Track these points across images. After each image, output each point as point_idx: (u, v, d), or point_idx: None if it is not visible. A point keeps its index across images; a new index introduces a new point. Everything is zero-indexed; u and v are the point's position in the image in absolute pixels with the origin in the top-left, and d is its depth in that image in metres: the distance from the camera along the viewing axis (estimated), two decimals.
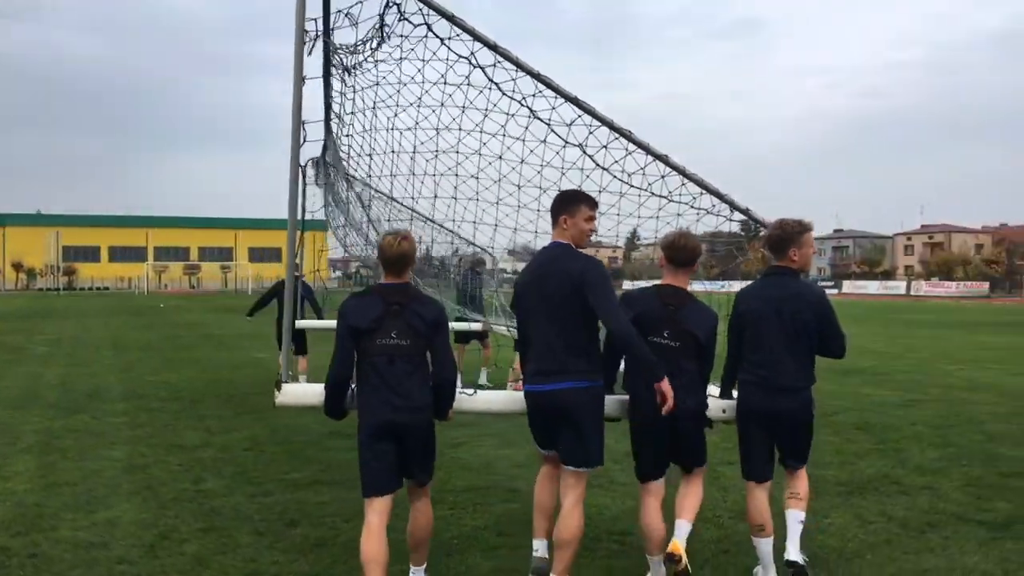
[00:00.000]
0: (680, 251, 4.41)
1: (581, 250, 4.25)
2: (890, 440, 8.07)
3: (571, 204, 4.26)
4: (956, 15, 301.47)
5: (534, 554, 4.38)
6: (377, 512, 4.00)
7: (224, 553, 4.89)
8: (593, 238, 4.45)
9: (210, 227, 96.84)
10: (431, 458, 4.17)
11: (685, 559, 4.23)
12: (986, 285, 69.98)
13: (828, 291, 64.98)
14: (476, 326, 10.95)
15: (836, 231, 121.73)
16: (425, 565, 4.32)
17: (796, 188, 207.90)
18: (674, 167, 5.23)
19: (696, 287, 4.64)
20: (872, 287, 76.26)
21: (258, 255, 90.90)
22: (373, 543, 3.93)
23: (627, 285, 35.25)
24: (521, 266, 5.51)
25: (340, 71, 5.83)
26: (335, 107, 6.72)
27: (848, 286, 77.96)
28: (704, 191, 5.23)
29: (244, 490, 6.26)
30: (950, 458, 7.29)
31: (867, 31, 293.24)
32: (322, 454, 7.46)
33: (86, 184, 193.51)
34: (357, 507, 5.70)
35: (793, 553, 4.33)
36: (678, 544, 4.28)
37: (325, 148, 8.96)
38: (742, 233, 7.51)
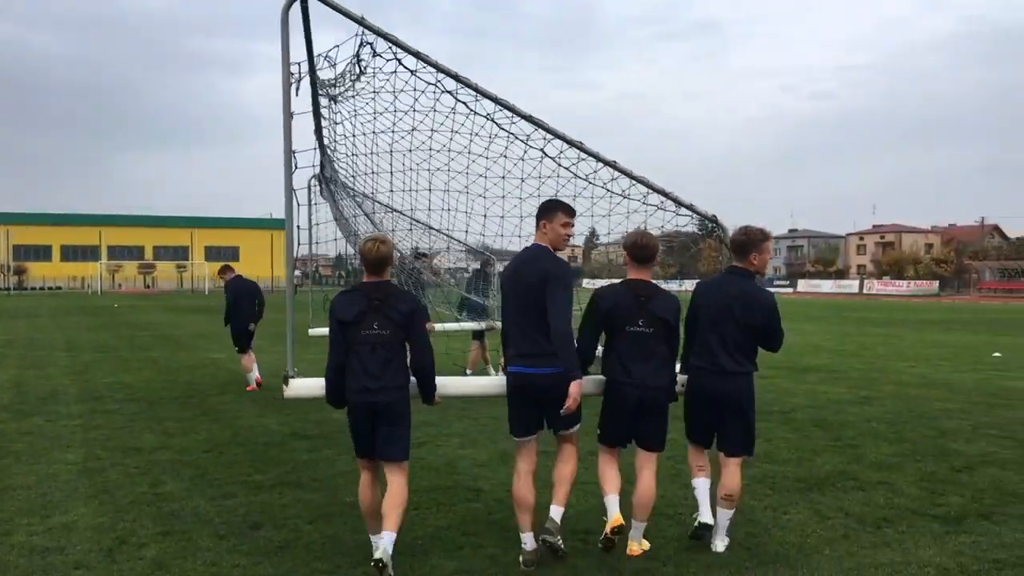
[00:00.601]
0: (642, 249, 4.96)
1: (559, 252, 4.84)
2: (846, 437, 8.23)
3: (550, 211, 4.85)
4: (907, 20, 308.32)
5: (523, 547, 4.74)
6: (366, 468, 4.71)
7: (184, 557, 4.82)
8: (571, 241, 5.03)
9: (165, 226, 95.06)
10: (402, 434, 4.63)
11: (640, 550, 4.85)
12: (936, 284, 71.59)
13: (783, 290, 66.06)
14: (481, 325, 11.70)
15: (791, 231, 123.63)
16: (395, 533, 4.57)
17: (752, 188, 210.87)
18: (622, 171, 6.00)
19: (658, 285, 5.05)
20: (826, 286, 77.62)
21: (215, 254, 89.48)
22: (367, 495, 4.68)
23: (587, 284, 35.44)
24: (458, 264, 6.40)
25: (328, 102, 6.63)
26: (325, 133, 7.62)
27: (803, 285, 79.25)
28: (651, 190, 5.97)
29: (204, 492, 6.18)
30: (904, 454, 7.46)
31: (820, 35, 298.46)
32: (285, 455, 7.39)
33: (38, 182, 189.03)
34: (321, 509, 5.71)
35: (720, 544, 4.96)
36: (635, 547, 4.89)
37: (322, 166, 9.33)
38: (699, 232, 7.68)
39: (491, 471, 6.79)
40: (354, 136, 6.84)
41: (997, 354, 16.77)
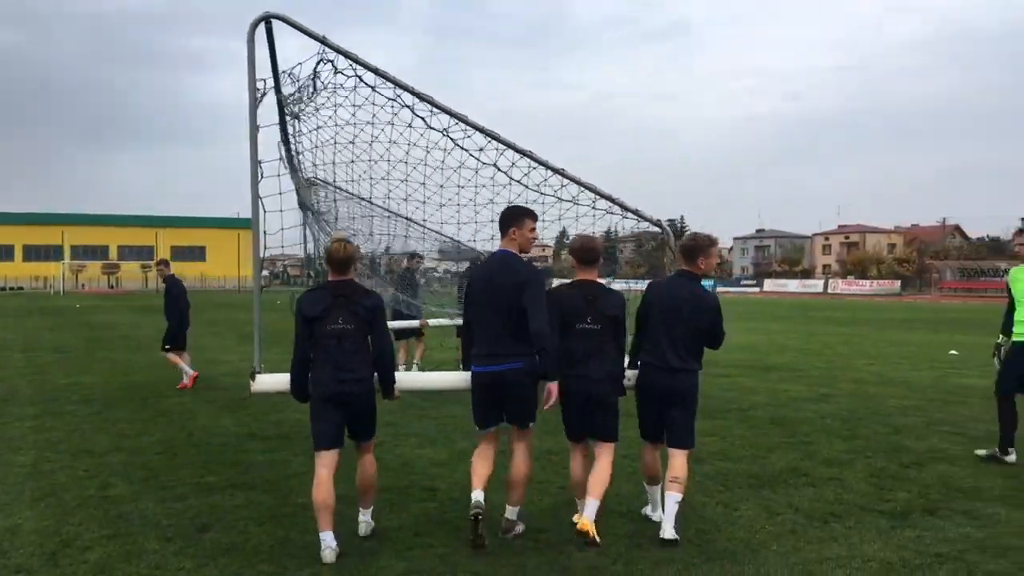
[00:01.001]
0: (587, 252, 5.33)
1: (525, 255, 5.22)
2: (801, 434, 8.33)
3: (519, 218, 5.19)
4: (876, 23, 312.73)
5: (474, 500, 4.99)
6: (325, 465, 4.85)
7: (128, 560, 4.75)
8: (535, 242, 5.37)
9: (130, 225, 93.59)
10: (372, 421, 5.06)
11: (595, 535, 4.86)
12: (898, 283, 72.66)
13: (750, 289, 66.67)
14: (414, 323, 11.81)
15: (758, 231, 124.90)
16: (372, 508, 5.16)
17: (722, 188, 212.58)
18: (570, 178, 6.44)
19: (619, 285, 5.28)
20: (792, 285, 78.46)
21: (181, 254, 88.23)
22: (323, 491, 4.78)
23: (556, 282, 35.60)
24: (448, 265, 6.70)
25: (291, 118, 6.96)
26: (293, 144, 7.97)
27: (769, 284, 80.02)
28: (598, 196, 6.44)
29: (154, 494, 6.10)
30: (857, 450, 7.56)
31: (790, 37, 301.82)
32: (240, 456, 7.31)
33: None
34: (273, 511, 5.67)
35: (668, 532, 5.03)
36: (586, 522, 4.89)
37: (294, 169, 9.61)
38: (661, 232, 7.82)
39: (448, 471, 6.77)
40: (315, 148, 7.23)
41: (953, 352, 17.06)
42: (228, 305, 38.45)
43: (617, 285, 7.08)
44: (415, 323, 11.93)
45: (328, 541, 4.73)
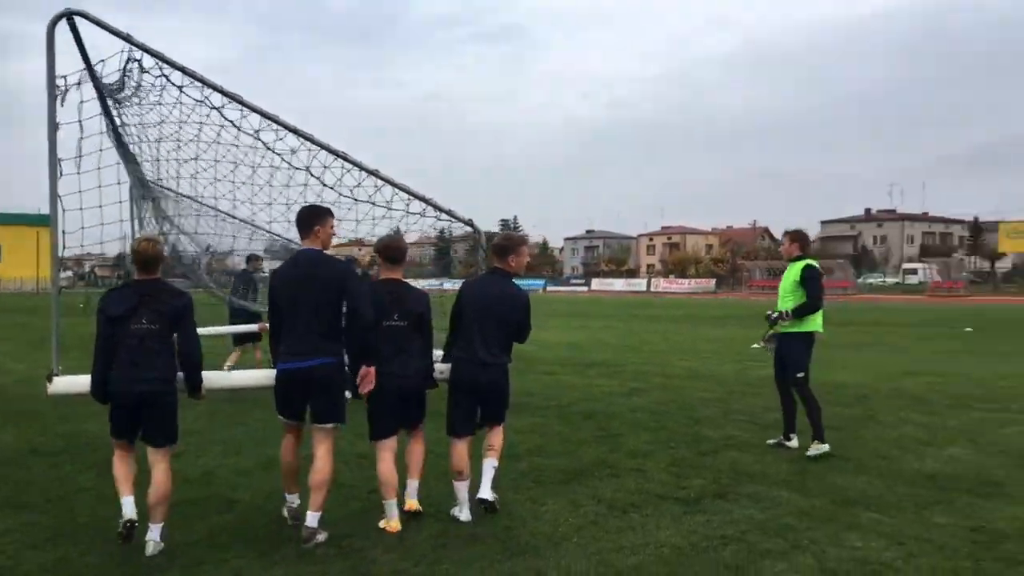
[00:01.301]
0: (392, 251, 5.54)
1: (328, 251, 5.32)
2: (611, 427, 8.63)
3: (322, 216, 5.25)
4: (694, 37, 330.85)
5: (289, 504, 5.34)
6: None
7: None
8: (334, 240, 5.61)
9: None
10: (170, 425, 4.97)
11: (418, 506, 5.42)
12: (713, 282, 77.40)
13: (580, 288, 68.79)
14: (253, 327, 11.42)
15: (588, 232, 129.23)
16: (163, 523, 4.89)
17: (555, 190, 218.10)
18: (385, 179, 6.67)
19: (423, 284, 5.35)
20: (618, 284, 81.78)
21: None
22: (121, 469, 4.94)
23: None
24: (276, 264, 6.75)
25: (115, 106, 7.06)
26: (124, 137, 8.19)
27: (597, 284, 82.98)
28: (412, 197, 6.80)
29: None
30: (661, 441, 7.92)
31: (618, 46, 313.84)
32: (18, 473, 6.70)
33: None
34: (50, 531, 5.22)
35: (485, 492, 5.49)
36: (413, 503, 5.40)
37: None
38: (474, 232, 7.95)
39: (253, 479, 6.49)
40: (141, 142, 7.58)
41: (756, 346, 18.27)
42: (22, 310, 35.27)
43: (419, 284, 7.63)
44: (254, 327, 11.37)
45: (128, 508, 4.87)
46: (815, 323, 7.53)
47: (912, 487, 6.28)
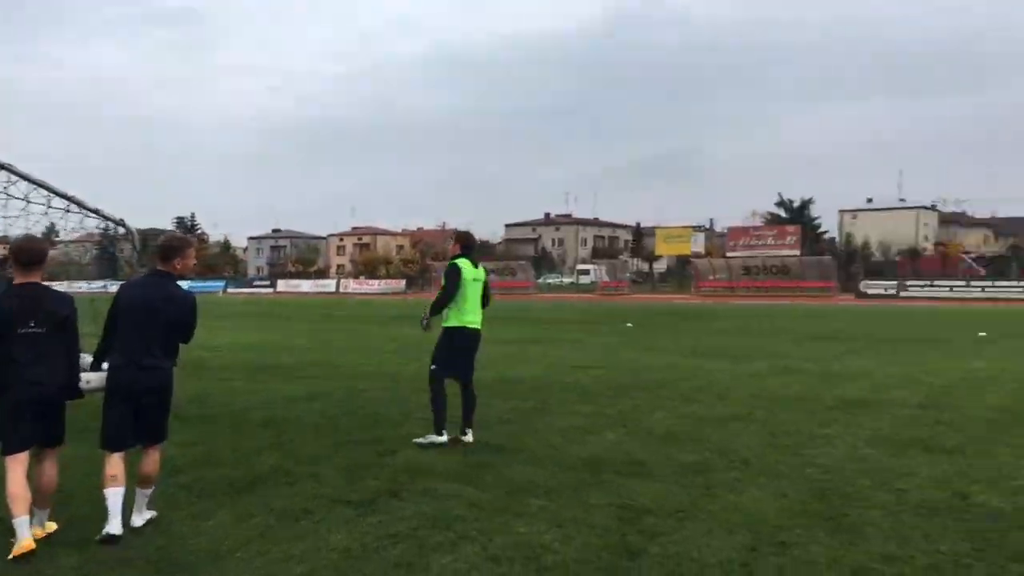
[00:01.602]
0: (27, 253, 5.07)
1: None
2: (289, 433, 8.33)
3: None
4: (385, 38, 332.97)
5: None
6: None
7: None
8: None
9: None
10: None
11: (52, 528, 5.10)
12: (403, 282, 78.84)
13: (264, 289, 66.75)
14: None
15: (274, 231, 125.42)
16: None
17: (239, 186, 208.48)
18: (19, 174, 6.42)
19: (82, 287, 4.95)
20: (306, 285, 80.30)
21: None
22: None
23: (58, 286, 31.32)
24: None
25: None
26: None
27: (283, 285, 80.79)
28: (54, 194, 6.44)
29: None
30: (338, 444, 7.79)
31: (307, 41, 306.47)
32: None
33: None
34: None
35: (139, 521, 5.28)
36: (41, 531, 5.00)
37: None
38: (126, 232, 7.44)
39: None
40: None
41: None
42: None
43: (82, 285, 7.08)
44: None
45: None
46: (455, 318, 7.88)
47: (573, 472, 6.78)
